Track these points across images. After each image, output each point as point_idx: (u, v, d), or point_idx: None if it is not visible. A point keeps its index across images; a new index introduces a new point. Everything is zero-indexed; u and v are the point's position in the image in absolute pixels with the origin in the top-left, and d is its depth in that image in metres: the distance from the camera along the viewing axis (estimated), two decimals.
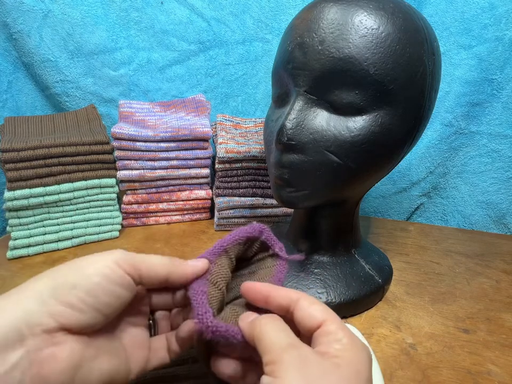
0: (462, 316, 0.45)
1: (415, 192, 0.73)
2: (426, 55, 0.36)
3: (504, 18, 0.59)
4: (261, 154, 0.61)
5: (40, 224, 0.57)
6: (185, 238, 0.64)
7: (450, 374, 0.37)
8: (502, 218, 0.68)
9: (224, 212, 0.64)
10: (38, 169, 0.54)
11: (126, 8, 0.74)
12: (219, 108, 0.81)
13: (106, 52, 0.75)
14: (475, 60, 0.62)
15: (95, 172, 0.59)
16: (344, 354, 0.21)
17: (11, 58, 0.71)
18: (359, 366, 0.21)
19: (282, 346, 0.21)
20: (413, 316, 0.45)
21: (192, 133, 0.63)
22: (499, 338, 0.42)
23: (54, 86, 0.74)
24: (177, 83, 0.80)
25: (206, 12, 0.74)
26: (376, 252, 0.52)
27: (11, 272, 0.53)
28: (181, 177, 0.66)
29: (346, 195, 0.43)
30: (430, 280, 0.52)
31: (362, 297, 0.44)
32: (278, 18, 0.73)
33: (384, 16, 0.35)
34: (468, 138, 0.67)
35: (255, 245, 0.30)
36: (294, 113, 0.37)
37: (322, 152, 0.37)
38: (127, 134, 0.61)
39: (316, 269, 0.46)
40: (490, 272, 0.55)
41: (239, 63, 0.78)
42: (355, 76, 0.35)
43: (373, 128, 0.36)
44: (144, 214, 0.67)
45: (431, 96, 0.39)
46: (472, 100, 0.65)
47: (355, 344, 0.22)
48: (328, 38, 0.35)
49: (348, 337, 0.22)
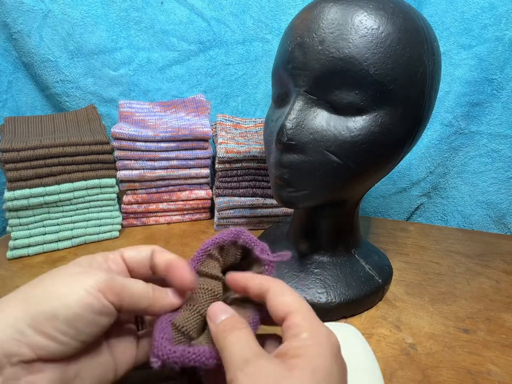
0: (462, 316, 0.45)
1: (415, 192, 0.73)
2: (426, 55, 0.36)
3: (504, 18, 0.59)
4: (261, 154, 0.61)
5: (40, 224, 0.57)
6: (185, 238, 0.64)
7: (450, 374, 0.37)
8: (502, 218, 0.68)
9: (224, 211, 0.64)
10: (38, 169, 0.54)
11: (126, 8, 0.74)
12: (219, 108, 0.81)
13: (106, 52, 0.75)
14: (475, 60, 0.62)
15: (95, 172, 0.59)
16: (303, 352, 0.20)
17: (11, 58, 0.71)
18: (317, 362, 0.20)
19: (238, 364, 0.20)
20: (413, 316, 0.45)
21: (192, 133, 0.63)
22: (499, 338, 0.42)
23: (54, 86, 0.74)
24: (177, 83, 0.80)
25: (206, 12, 0.74)
26: (376, 252, 0.52)
27: (11, 272, 0.53)
28: (181, 177, 0.66)
29: (346, 195, 0.43)
30: (430, 280, 0.52)
31: (362, 297, 0.44)
32: (278, 18, 0.73)
33: (384, 16, 0.35)
34: (468, 138, 0.67)
35: (237, 251, 0.29)
36: (294, 113, 0.37)
37: (322, 152, 0.37)
38: (127, 134, 0.61)
39: (316, 269, 0.46)
40: (490, 272, 0.55)
41: (239, 63, 0.78)
42: (355, 76, 0.35)
43: (373, 128, 0.36)
44: (144, 214, 0.67)
45: (431, 96, 0.39)
46: (472, 99, 0.65)
47: (316, 337, 0.21)
48: (328, 38, 0.35)
49: (309, 331, 0.21)
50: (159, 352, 0.22)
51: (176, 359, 0.22)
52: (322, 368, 0.19)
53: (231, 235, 0.28)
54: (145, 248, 0.28)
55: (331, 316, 0.43)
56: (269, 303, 0.23)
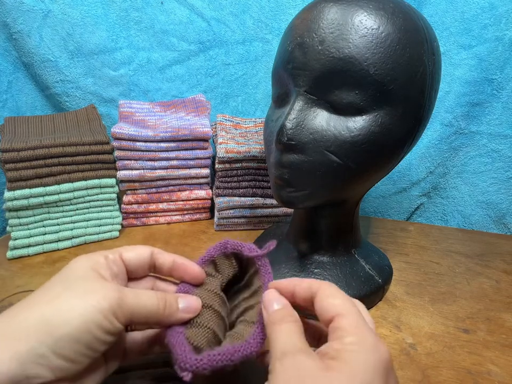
0: (462, 316, 0.45)
1: (415, 192, 0.73)
2: (426, 55, 0.36)
3: (504, 18, 0.59)
4: (261, 154, 0.61)
5: (40, 224, 0.57)
6: (185, 238, 0.64)
7: (450, 374, 0.37)
8: (502, 218, 0.68)
9: (224, 212, 0.64)
10: (38, 169, 0.54)
11: (126, 8, 0.74)
12: (219, 108, 0.81)
13: (106, 52, 0.75)
14: (475, 60, 0.62)
15: (95, 172, 0.58)
16: (343, 355, 0.19)
17: (11, 58, 0.71)
18: (357, 369, 0.19)
19: (278, 355, 0.20)
20: (413, 316, 0.45)
21: (192, 133, 0.63)
22: (499, 338, 0.42)
23: (54, 86, 0.74)
24: (177, 83, 0.80)
25: (206, 12, 0.74)
26: (376, 252, 0.52)
27: (11, 272, 0.53)
28: (181, 177, 0.66)
29: (346, 195, 0.43)
30: (430, 280, 0.52)
31: (362, 297, 0.44)
32: (278, 18, 0.73)
33: (384, 16, 0.35)
34: (468, 138, 0.67)
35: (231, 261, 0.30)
36: (294, 113, 0.37)
37: (322, 152, 0.37)
38: (127, 134, 0.61)
39: (316, 269, 0.46)
40: (490, 272, 0.55)
41: (239, 63, 0.78)
42: (355, 76, 0.35)
43: (373, 128, 0.36)
44: (144, 214, 0.67)
45: (431, 96, 0.39)
46: (472, 99, 0.65)
47: (362, 344, 0.20)
48: (328, 38, 0.35)
49: (354, 336, 0.20)
50: (186, 365, 0.23)
51: (205, 365, 0.23)
52: (362, 377, 0.19)
53: (217, 248, 0.29)
54: (144, 249, 0.28)
55: None
56: (318, 304, 0.23)
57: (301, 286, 0.24)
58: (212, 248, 0.29)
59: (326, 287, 0.23)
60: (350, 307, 0.22)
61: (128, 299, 0.23)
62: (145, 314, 0.24)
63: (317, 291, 0.23)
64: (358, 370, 0.19)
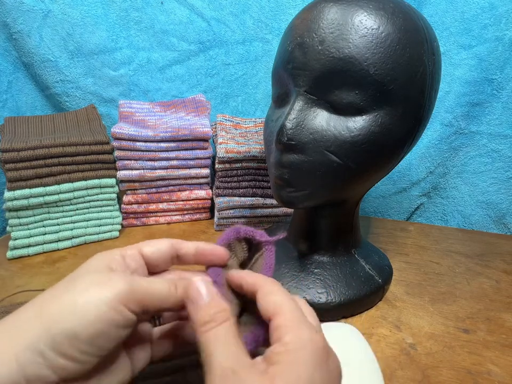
0: (462, 316, 0.45)
1: (415, 192, 0.73)
2: (426, 55, 0.36)
3: (504, 18, 0.59)
4: (261, 154, 0.61)
5: (40, 224, 0.57)
6: (185, 238, 0.62)
7: (450, 374, 0.37)
8: (502, 218, 0.68)
9: (224, 212, 0.64)
10: (38, 169, 0.54)
11: (126, 8, 0.74)
12: (219, 108, 0.81)
13: (106, 52, 0.75)
14: (475, 60, 0.62)
15: (95, 172, 0.59)
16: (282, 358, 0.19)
17: (11, 58, 0.71)
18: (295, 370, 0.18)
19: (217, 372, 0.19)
20: (413, 316, 0.45)
21: (192, 133, 0.63)
22: (499, 338, 0.42)
23: (54, 86, 0.74)
24: (177, 83, 0.80)
25: (206, 12, 0.74)
26: (376, 252, 0.52)
27: (11, 272, 0.53)
28: (181, 177, 0.66)
29: (346, 195, 0.43)
30: (430, 280, 0.52)
31: (362, 297, 0.44)
32: (278, 18, 0.73)
33: (384, 16, 0.35)
34: (468, 138, 0.67)
35: (242, 245, 0.31)
36: (294, 113, 0.37)
37: (322, 152, 0.37)
38: (127, 134, 0.61)
39: (316, 269, 0.46)
40: (490, 272, 0.55)
41: (239, 63, 0.78)
42: (355, 76, 0.35)
43: (373, 128, 0.36)
44: (144, 214, 0.67)
45: (431, 96, 0.39)
46: (472, 99, 0.65)
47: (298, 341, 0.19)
48: (328, 38, 0.35)
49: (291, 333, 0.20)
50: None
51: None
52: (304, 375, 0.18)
53: (232, 232, 0.30)
54: (163, 242, 0.28)
55: (331, 316, 0.43)
56: (258, 302, 0.22)
57: (247, 280, 0.24)
58: (227, 232, 0.30)
59: (267, 284, 0.23)
60: (288, 302, 0.21)
61: (136, 285, 0.22)
62: (157, 298, 0.23)
63: (258, 288, 0.22)
64: (296, 371, 0.18)
